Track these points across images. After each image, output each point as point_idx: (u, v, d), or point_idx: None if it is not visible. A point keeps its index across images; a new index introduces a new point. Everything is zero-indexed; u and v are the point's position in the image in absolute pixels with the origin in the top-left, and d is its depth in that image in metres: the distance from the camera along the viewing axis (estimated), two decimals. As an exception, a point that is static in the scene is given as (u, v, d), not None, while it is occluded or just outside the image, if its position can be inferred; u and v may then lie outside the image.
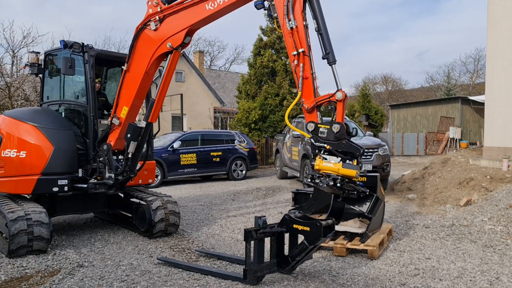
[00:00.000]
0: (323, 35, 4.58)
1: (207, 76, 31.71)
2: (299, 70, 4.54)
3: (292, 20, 4.57)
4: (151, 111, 5.73)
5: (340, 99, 4.45)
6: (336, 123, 4.42)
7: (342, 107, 4.49)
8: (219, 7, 4.99)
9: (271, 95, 20.88)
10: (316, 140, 4.56)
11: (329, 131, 4.47)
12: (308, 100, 4.62)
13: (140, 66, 5.63)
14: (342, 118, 4.50)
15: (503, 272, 4.70)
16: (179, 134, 14.17)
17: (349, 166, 4.41)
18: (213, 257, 5.36)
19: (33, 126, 5.96)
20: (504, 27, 11.85)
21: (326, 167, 4.46)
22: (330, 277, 4.58)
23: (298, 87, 4.59)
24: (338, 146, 4.46)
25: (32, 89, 18.32)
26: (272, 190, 11.77)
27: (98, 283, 4.45)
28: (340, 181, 4.39)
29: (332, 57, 4.57)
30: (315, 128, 4.56)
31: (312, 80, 4.59)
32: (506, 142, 11.42)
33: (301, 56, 4.55)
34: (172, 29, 5.38)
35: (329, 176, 4.43)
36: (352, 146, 4.45)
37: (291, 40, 4.60)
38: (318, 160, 4.52)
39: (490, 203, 7.66)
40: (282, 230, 4.40)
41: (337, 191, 4.61)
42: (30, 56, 6.72)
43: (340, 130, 4.40)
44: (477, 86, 43.84)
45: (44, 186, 5.83)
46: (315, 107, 4.61)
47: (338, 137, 4.45)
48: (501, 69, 11.86)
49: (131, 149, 5.73)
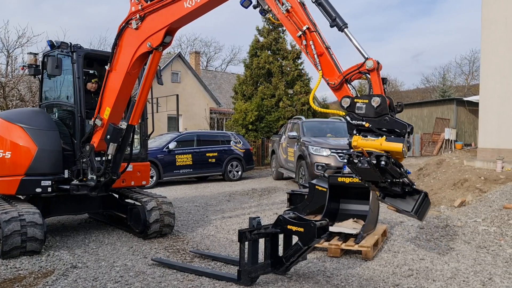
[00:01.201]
0: (322, 3, 4.12)
1: (203, 77, 31.69)
2: (311, 49, 4.08)
3: (285, 2, 4.19)
4: (131, 113, 5.65)
5: (371, 67, 3.86)
6: (376, 96, 3.80)
7: (378, 77, 3.92)
8: (197, 4, 4.83)
9: (267, 96, 20.91)
10: (352, 117, 3.95)
11: (368, 106, 3.84)
12: (332, 77, 4.06)
13: (122, 66, 5.53)
14: (381, 90, 3.92)
15: (496, 273, 4.73)
16: (175, 134, 14.16)
17: (394, 139, 3.74)
18: (208, 258, 5.36)
19: (19, 126, 5.96)
20: (498, 29, 11.93)
21: (366, 143, 3.81)
22: (324, 278, 4.59)
23: (316, 68, 4.10)
24: (380, 123, 3.82)
25: (27, 90, 18.23)
26: (268, 191, 11.78)
27: (91, 284, 4.43)
28: (386, 158, 3.68)
29: (341, 20, 4.03)
30: (351, 103, 3.92)
31: (329, 54, 4.09)
32: (500, 143, 11.50)
33: (307, 34, 4.10)
34: (152, 28, 5.27)
35: (371, 154, 3.74)
36: (397, 122, 3.78)
37: (291, 23, 4.20)
38: (356, 136, 3.91)
39: (484, 204, 7.70)
40: (276, 231, 4.40)
41: (378, 175, 3.83)
42: (28, 57, 6.73)
43: (381, 104, 3.77)
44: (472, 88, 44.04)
45: (27, 186, 5.81)
46: (343, 82, 4.03)
47: (379, 113, 3.80)
48: (495, 70, 11.93)
49: (111, 151, 5.66)
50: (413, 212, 4.02)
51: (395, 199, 4.13)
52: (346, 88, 4.03)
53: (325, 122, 13.86)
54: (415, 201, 4.08)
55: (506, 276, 4.63)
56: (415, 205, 4.06)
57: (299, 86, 21.08)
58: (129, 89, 5.80)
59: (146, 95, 5.71)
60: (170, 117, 24.70)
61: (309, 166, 10.81)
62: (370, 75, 3.89)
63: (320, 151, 10.78)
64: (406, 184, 3.97)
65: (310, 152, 10.91)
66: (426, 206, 4.20)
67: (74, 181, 6.02)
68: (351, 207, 6.42)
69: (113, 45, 5.62)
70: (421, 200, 4.11)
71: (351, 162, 3.88)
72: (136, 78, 5.78)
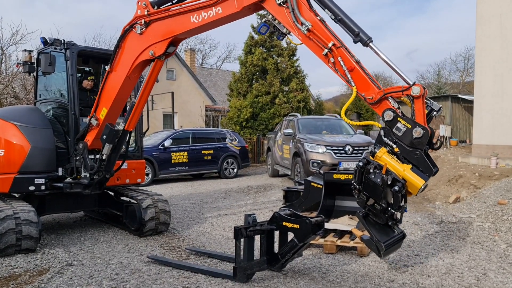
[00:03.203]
0: (342, 19, 3.93)
1: (198, 74, 31.61)
2: (340, 65, 3.89)
3: (304, 22, 3.98)
4: (128, 118, 5.60)
5: (417, 94, 3.58)
6: (421, 127, 3.53)
7: (422, 105, 3.63)
8: (204, 22, 4.71)
9: (262, 93, 20.90)
10: (386, 134, 3.72)
11: (407, 132, 3.58)
12: (368, 92, 3.85)
13: (123, 69, 5.42)
14: (424, 119, 3.62)
15: (490, 268, 4.76)
16: (170, 132, 14.14)
17: (418, 173, 3.56)
18: (204, 255, 5.36)
19: (12, 124, 5.92)
20: (492, 26, 11.98)
21: (390, 162, 3.62)
22: (320, 274, 4.61)
23: (349, 84, 3.91)
24: (409, 154, 3.62)
25: (22, 87, 18.12)
26: (264, 188, 11.79)
27: (87, 282, 4.42)
28: (401, 185, 3.52)
29: (365, 35, 3.85)
30: (394, 119, 3.66)
31: (361, 68, 3.89)
32: (494, 140, 11.57)
33: (334, 51, 3.90)
34: (156, 37, 5.12)
35: (389, 173, 3.58)
36: (425, 163, 3.59)
37: (314, 43, 4.00)
38: (384, 149, 3.71)
39: (479, 200, 7.75)
40: (272, 227, 4.41)
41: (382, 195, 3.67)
42: (23, 55, 6.67)
43: (421, 138, 3.53)
44: (467, 85, 44.18)
45: (20, 184, 5.79)
46: (383, 98, 3.77)
47: (414, 144, 3.58)
48: (489, 67, 12.00)
49: (106, 151, 5.62)
50: (384, 244, 3.76)
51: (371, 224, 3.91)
52: (387, 103, 3.79)
53: (320, 119, 13.88)
54: (390, 237, 3.88)
55: (500, 271, 4.67)
56: (389, 240, 3.84)
57: (294, 83, 21.08)
58: (127, 92, 5.74)
59: (144, 102, 5.63)
60: (165, 114, 24.63)
61: (305, 163, 10.83)
62: (414, 102, 3.64)
63: (315, 148, 10.80)
64: (394, 219, 3.77)
65: (306, 149, 10.93)
66: (397, 247, 4.03)
67: (67, 179, 6.00)
68: (346, 204, 6.43)
69: (115, 46, 5.51)
70: (396, 239, 3.94)
71: (364, 169, 3.74)
72: (135, 82, 5.72)
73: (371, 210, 3.87)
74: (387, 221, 3.80)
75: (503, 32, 11.71)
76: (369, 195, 3.82)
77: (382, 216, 3.80)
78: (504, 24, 11.72)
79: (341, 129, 12.71)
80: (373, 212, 3.86)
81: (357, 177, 3.85)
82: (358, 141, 11.05)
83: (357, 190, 3.90)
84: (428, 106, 3.74)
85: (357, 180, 3.85)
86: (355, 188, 3.91)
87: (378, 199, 3.73)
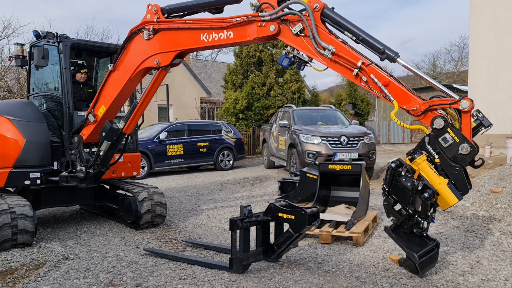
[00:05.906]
0: (364, 39, 3.92)
1: (193, 67, 31.46)
2: (374, 83, 3.83)
3: (327, 46, 3.92)
4: (127, 121, 5.59)
5: (466, 109, 3.49)
6: (469, 144, 3.47)
7: (469, 119, 3.55)
8: (214, 42, 4.64)
9: (257, 85, 20.85)
10: (431, 141, 3.64)
11: (453, 145, 3.52)
12: (410, 104, 3.77)
13: (126, 71, 5.35)
14: (470, 135, 3.53)
15: (484, 256, 4.81)
16: (166, 125, 14.09)
17: (454, 190, 3.52)
18: (200, 247, 5.38)
19: (6, 119, 5.89)
20: (486, 16, 11.98)
21: (428, 170, 3.57)
22: (315, 264, 4.64)
23: (387, 100, 3.82)
24: (449, 169, 3.57)
25: (15, 81, 17.97)
26: (259, 180, 11.81)
27: (84, 275, 4.44)
28: (432, 193, 3.48)
29: (391, 51, 3.84)
30: (443, 128, 3.56)
31: (396, 81, 3.85)
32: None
33: (364, 70, 3.86)
34: (164, 46, 5.00)
35: (421, 179, 3.54)
36: (462, 181, 3.58)
37: (341, 66, 3.95)
38: (424, 157, 3.65)
39: (473, 189, 7.79)
40: (268, 218, 4.43)
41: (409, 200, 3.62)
42: (15, 48, 6.60)
43: (467, 155, 3.48)
44: (461, 74, 44.26)
45: (16, 179, 5.78)
46: (428, 109, 3.70)
47: (457, 159, 3.53)
48: (483, 57, 12.02)
49: (103, 148, 5.60)
50: (417, 255, 3.72)
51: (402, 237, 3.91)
52: (435, 112, 3.70)
53: (315, 110, 13.89)
54: (422, 248, 3.78)
55: (494, 258, 4.72)
56: (422, 251, 3.75)
57: (289, 74, 21.03)
58: (128, 94, 5.73)
59: (144, 109, 5.60)
60: (160, 107, 24.52)
61: (300, 154, 10.85)
62: (462, 116, 3.56)
63: (311, 139, 10.81)
64: (420, 227, 3.75)
65: (301, 140, 10.94)
66: (434, 258, 3.88)
67: (63, 172, 5.99)
68: (341, 194, 6.48)
69: (120, 47, 5.42)
70: (429, 249, 3.79)
71: (396, 171, 3.71)
72: (137, 85, 5.69)
73: (396, 215, 3.85)
74: (411, 228, 3.79)
75: (497, 21, 11.72)
76: (397, 198, 3.79)
77: (406, 223, 3.78)
78: (498, 12, 11.72)
79: (336, 120, 12.72)
80: (397, 217, 3.85)
81: (387, 179, 3.84)
82: (353, 132, 11.08)
83: (386, 192, 3.90)
84: (478, 119, 3.67)
85: (387, 182, 3.84)
86: (384, 190, 3.92)
87: (406, 204, 3.69)
